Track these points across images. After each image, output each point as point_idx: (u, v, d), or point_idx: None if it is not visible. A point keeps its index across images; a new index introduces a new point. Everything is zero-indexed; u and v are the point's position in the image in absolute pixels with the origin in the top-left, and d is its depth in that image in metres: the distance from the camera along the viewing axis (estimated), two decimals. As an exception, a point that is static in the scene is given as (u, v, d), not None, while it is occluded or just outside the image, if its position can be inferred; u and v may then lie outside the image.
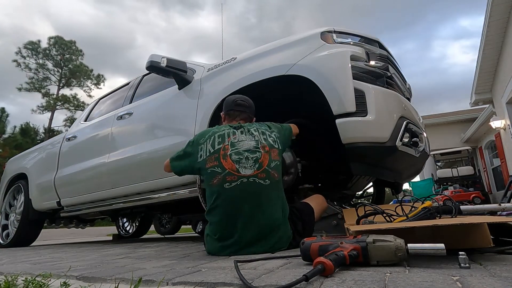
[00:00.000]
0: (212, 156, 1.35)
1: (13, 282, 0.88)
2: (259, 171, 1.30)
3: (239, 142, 1.37)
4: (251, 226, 1.27)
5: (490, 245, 0.90)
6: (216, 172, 1.31)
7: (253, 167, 1.30)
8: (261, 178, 1.30)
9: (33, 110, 24.65)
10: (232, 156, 1.32)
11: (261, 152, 1.35)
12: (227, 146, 1.36)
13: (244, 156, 1.32)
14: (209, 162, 1.35)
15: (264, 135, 1.44)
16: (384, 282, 0.63)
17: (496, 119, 8.23)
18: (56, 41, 25.10)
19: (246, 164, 1.31)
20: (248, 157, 1.32)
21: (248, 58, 2.06)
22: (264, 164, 1.33)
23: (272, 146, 1.40)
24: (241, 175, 1.28)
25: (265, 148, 1.37)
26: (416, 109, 2.08)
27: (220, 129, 1.45)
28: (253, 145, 1.36)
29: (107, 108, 3.27)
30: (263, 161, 1.33)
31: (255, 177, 1.29)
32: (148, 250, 1.83)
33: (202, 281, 0.74)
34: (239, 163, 1.31)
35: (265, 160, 1.33)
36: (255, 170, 1.30)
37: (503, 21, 6.58)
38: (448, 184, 9.79)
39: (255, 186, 1.28)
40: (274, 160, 1.37)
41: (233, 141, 1.37)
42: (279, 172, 1.38)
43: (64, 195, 3.14)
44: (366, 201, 2.89)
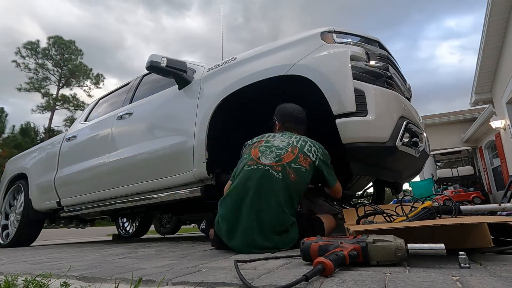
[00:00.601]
0: (248, 148, 1.54)
1: (13, 282, 0.88)
2: (276, 163, 1.37)
3: (274, 140, 1.50)
4: (252, 215, 1.29)
5: (490, 245, 0.89)
6: (244, 158, 1.48)
7: (272, 158, 1.39)
8: (275, 170, 1.35)
9: (32, 110, 24.67)
10: (260, 148, 1.46)
11: (287, 151, 1.43)
12: (261, 141, 1.52)
13: (270, 149, 1.43)
14: (245, 152, 1.54)
15: (304, 142, 1.50)
16: (384, 282, 0.63)
17: (496, 119, 8.23)
18: (55, 41, 25.09)
19: (268, 155, 1.41)
20: (273, 150, 1.43)
21: (248, 58, 2.06)
22: (284, 160, 1.39)
23: (304, 153, 1.45)
24: (260, 162, 1.39)
25: (295, 150, 1.44)
26: (416, 109, 2.08)
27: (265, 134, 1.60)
28: (283, 144, 1.47)
29: (107, 108, 3.27)
30: (284, 157, 1.40)
31: (270, 167, 1.36)
32: (148, 250, 1.83)
33: (202, 281, 0.74)
34: (263, 153, 1.42)
35: (287, 157, 1.40)
36: (273, 161, 1.38)
37: (503, 21, 6.58)
38: (448, 184, 9.79)
39: (267, 175, 1.34)
40: (299, 164, 1.40)
41: (269, 139, 1.52)
42: (299, 177, 1.39)
43: (64, 195, 3.13)
44: (366, 201, 2.89)
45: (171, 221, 5.24)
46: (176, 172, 2.19)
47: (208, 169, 1.99)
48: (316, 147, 1.52)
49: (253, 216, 1.29)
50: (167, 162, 2.26)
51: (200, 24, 78.11)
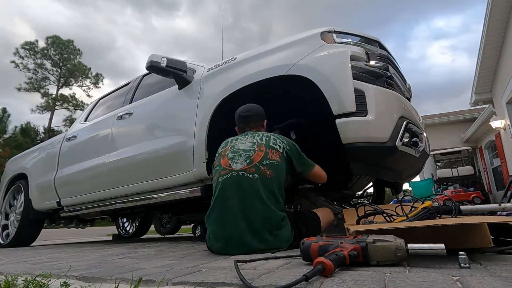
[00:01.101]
0: (216, 159, 1.52)
1: (13, 282, 0.88)
2: (249, 166, 1.37)
3: (238, 144, 1.49)
4: (240, 219, 1.29)
5: (490, 245, 0.90)
6: (216, 170, 1.46)
7: (243, 162, 1.39)
8: (249, 173, 1.35)
9: (32, 110, 24.66)
10: (228, 155, 1.45)
11: (255, 150, 1.42)
12: (227, 149, 1.50)
13: (238, 154, 1.42)
14: (215, 165, 1.51)
15: (268, 138, 1.49)
16: (384, 282, 0.63)
17: (496, 119, 8.23)
18: (53, 40, 25.08)
19: (238, 160, 1.40)
20: (242, 154, 1.42)
21: (248, 58, 2.06)
22: (255, 160, 1.38)
23: (271, 147, 1.44)
24: (232, 169, 1.38)
25: (261, 147, 1.43)
26: (416, 109, 2.08)
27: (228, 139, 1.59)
28: (249, 145, 1.45)
29: (107, 108, 3.27)
30: (254, 157, 1.39)
31: (244, 171, 1.36)
32: (148, 250, 1.83)
33: (202, 281, 0.74)
34: (232, 159, 1.41)
35: (257, 157, 1.39)
36: (245, 165, 1.37)
37: (503, 21, 6.58)
38: (448, 184, 9.79)
39: (243, 180, 1.34)
40: (270, 159, 1.40)
41: (234, 144, 1.50)
42: (275, 171, 1.38)
43: (64, 195, 3.13)
44: (366, 201, 2.89)
45: (171, 221, 5.24)
46: (176, 172, 2.19)
47: (208, 169, 1.99)
48: (280, 139, 1.51)
49: (242, 222, 1.29)
50: (167, 162, 2.26)
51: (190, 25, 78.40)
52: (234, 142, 1.52)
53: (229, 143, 1.53)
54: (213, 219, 1.37)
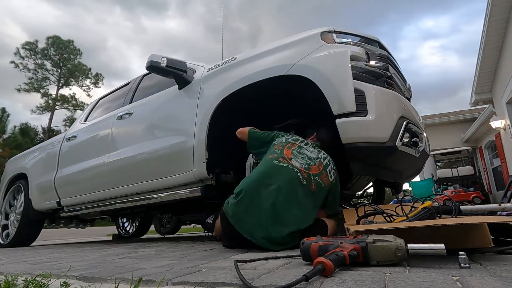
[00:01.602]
0: (281, 144, 1.57)
1: (13, 282, 0.88)
2: (305, 170, 1.44)
3: (305, 150, 1.56)
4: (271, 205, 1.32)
5: (490, 245, 0.89)
6: (275, 152, 1.52)
7: (302, 165, 1.46)
8: (302, 176, 1.42)
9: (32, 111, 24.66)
10: (293, 151, 1.52)
11: (315, 164, 1.50)
12: (295, 145, 1.57)
13: (301, 156, 1.51)
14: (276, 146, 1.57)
15: (329, 162, 1.57)
16: (384, 282, 0.63)
17: (496, 119, 8.23)
18: (54, 41, 25.08)
19: (299, 160, 1.48)
20: (304, 158, 1.50)
21: (248, 58, 2.06)
22: (311, 171, 1.46)
23: (326, 172, 1.51)
24: (291, 163, 1.45)
25: (320, 166, 1.51)
26: (416, 109, 2.08)
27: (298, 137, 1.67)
28: (314, 156, 1.54)
29: (107, 108, 3.27)
30: (312, 168, 1.47)
31: (299, 171, 1.42)
32: (148, 250, 1.83)
33: (202, 281, 0.74)
34: (295, 156, 1.49)
35: (314, 169, 1.47)
36: (302, 167, 1.45)
37: (503, 21, 6.58)
38: (448, 184, 9.79)
39: (295, 176, 1.40)
40: (321, 179, 1.47)
41: (302, 145, 1.58)
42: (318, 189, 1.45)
43: (64, 195, 3.13)
44: (366, 201, 2.89)
45: (171, 221, 5.24)
46: (176, 172, 2.19)
47: (208, 169, 1.99)
48: (335, 170, 1.59)
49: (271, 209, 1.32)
50: (167, 162, 2.26)
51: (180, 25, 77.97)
52: (303, 144, 1.59)
53: (299, 141, 1.60)
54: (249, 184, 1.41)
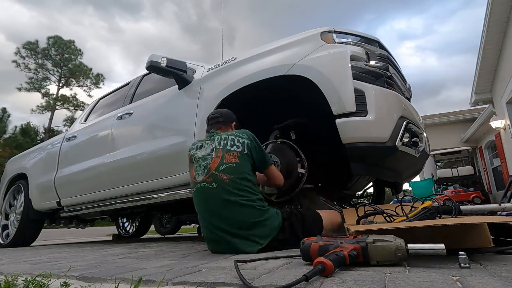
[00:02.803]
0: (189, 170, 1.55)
1: (13, 282, 0.88)
2: (207, 176, 1.41)
3: (198, 152, 1.51)
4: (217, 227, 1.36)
5: (490, 245, 0.89)
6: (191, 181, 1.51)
7: (202, 173, 1.43)
8: (208, 183, 1.39)
9: (32, 110, 24.66)
10: (194, 165, 1.48)
11: (212, 158, 1.44)
12: (190, 156, 1.53)
13: (198, 164, 1.46)
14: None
15: (226, 140, 1.48)
16: (384, 282, 0.63)
17: (496, 119, 8.22)
18: (55, 41, 25.08)
19: (199, 171, 1.45)
20: (201, 164, 1.45)
21: (248, 58, 2.06)
22: (212, 168, 1.41)
23: (228, 150, 1.44)
24: (196, 181, 1.44)
25: (218, 153, 1.45)
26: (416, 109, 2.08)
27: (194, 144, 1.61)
28: (207, 152, 1.47)
29: (107, 108, 3.27)
30: (211, 166, 1.42)
31: (205, 182, 1.40)
32: (148, 250, 1.83)
33: (202, 281, 0.74)
34: (196, 171, 1.46)
35: (213, 165, 1.42)
36: (204, 176, 1.42)
37: (503, 21, 6.58)
38: (448, 184, 9.79)
39: (204, 191, 1.40)
40: (226, 163, 1.41)
41: (195, 152, 1.52)
42: (232, 173, 1.38)
43: (64, 195, 3.13)
44: (366, 201, 2.89)
45: (171, 221, 5.24)
46: (176, 172, 2.19)
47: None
48: (239, 136, 1.48)
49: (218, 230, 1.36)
50: (167, 162, 2.26)
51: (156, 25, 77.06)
52: (197, 150, 1.53)
53: (193, 150, 1.54)
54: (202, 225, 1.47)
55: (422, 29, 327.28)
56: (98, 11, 53.07)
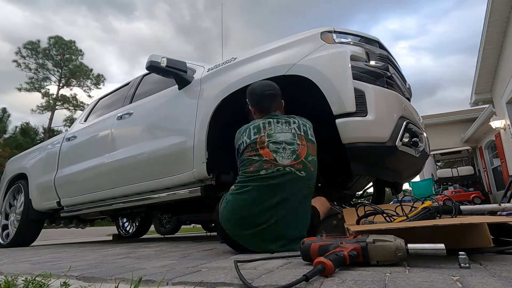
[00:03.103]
0: (249, 146, 1.36)
1: (13, 282, 0.88)
2: (296, 161, 1.30)
3: (275, 134, 1.37)
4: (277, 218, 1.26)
5: (490, 245, 0.89)
6: (254, 160, 1.32)
7: (290, 157, 1.31)
8: (297, 169, 1.30)
9: (32, 110, 24.67)
10: (270, 146, 1.33)
11: (299, 144, 1.35)
12: (263, 137, 1.36)
13: (281, 146, 1.33)
14: (246, 152, 1.36)
15: (304, 127, 1.43)
16: (384, 282, 0.63)
17: (496, 119, 8.22)
18: (56, 41, 25.10)
19: (283, 154, 1.31)
20: (285, 147, 1.33)
21: (248, 58, 2.06)
22: (302, 155, 1.33)
23: (310, 141, 1.40)
24: (279, 164, 1.29)
25: (302, 140, 1.37)
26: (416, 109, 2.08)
27: (255, 122, 1.45)
28: (290, 137, 1.37)
29: (107, 108, 3.27)
30: (300, 152, 1.33)
31: (292, 167, 1.29)
32: (148, 250, 1.83)
33: (202, 281, 0.74)
34: (277, 153, 1.31)
35: (302, 152, 1.34)
36: (292, 160, 1.30)
37: (503, 21, 6.58)
38: (448, 184, 9.79)
39: (292, 177, 1.29)
40: (311, 155, 1.37)
41: (269, 132, 1.38)
42: (315, 167, 1.37)
43: (64, 195, 3.14)
44: (366, 201, 2.89)
45: (171, 221, 5.24)
46: (176, 172, 2.19)
47: (208, 169, 1.99)
48: (311, 126, 1.47)
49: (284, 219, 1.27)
50: (167, 162, 2.26)
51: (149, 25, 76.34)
52: (268, 129, 1.38)
53: (262, 129, 1.39)
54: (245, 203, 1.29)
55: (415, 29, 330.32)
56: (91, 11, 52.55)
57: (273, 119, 1.44)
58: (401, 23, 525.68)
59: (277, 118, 1.44)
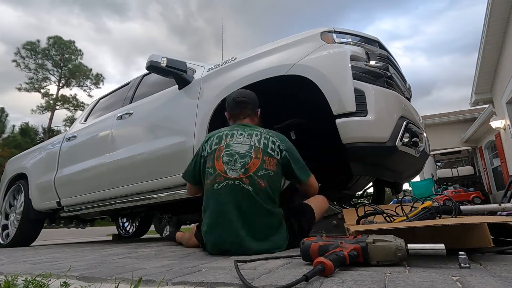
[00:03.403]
0: (209, 157, 1.40)
1: (13, 282, 0.88)
2: (244, 175, 1.29)
3: (233, 144, 1.38)
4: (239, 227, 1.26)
5: (490, 245, 0.89)
6: (210, 173, 1.36)
7: (239, 170, 1.30)
8: (244, 183, 1.28)
9: (32, 110, 24.68)
10: (223, 158, 1.34)
11: (252, 157, 1.33)
12: (222, 148, 1.38)
13: (233, 159, 1.33)
14: (207, 163, 1.40)
15: (266, 140, 1.40)
16: (384, 282, 0.63)
17: (496, 119, 8.23)
18: (55, 41, 25.11)
19: (233, 167, 1.31)
20: (237, 160, 1.32)
21: (248, 58, 2.06)
22: (251, 170, 1.30)
23: (268, 154, 1.36)
24: (228, 177, 1.30)
25: (258, 153, 1.34)
26: (416, 109, 2.08)
27: (221, 130, 1.47)
28: (246, 149, 1.35)
29: (107, 108, 3.27)
30: (250, 166, 1.31)
31: (239, 180, 1.29)
32: (148, 250, 1.83)
33: (202, 281, 0.74)
34: (228, 165, 1.32)
35: (253, 166, 1.31)
36: (240, 173, 1.30)
37: (503, 21, 6.58)
38: (448, 184, 9.80)
39: (238, 189, 1.28)
40: (265, 169, 1.32)
41: (229, 142, 1.39)
42: (269, 181, 1.32)
43: (64, 195, 3.13)
44: (366, 201, 2.89)
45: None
46: (176, 172, 2.18)
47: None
48: (279, 142, 1.42)
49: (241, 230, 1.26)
50: (167, 162, 2.26)
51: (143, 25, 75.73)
52: (229, 139, 1.40)
53: (223, 139, 1.41)
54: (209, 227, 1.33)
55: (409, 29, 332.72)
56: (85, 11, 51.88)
57: (238, 131, 1.44)
58: (394, 23, 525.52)
59: (242, 130, 1.44)
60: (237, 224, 1.27)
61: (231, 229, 1.27)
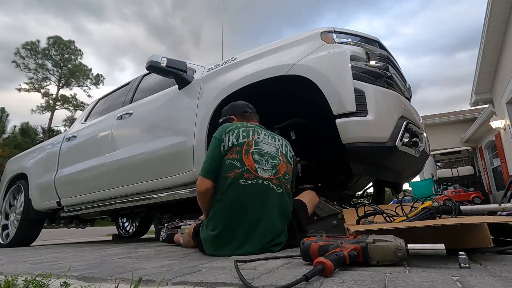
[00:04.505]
0: (234, 149, 1.34)
1: (13, 282, 0.88)
2: (275, 176, 1.33)
3: (262, 144, 1.39)
4: (256, 228, 1.27)
5: (490, 245, 0.89)
6: (235, 166, 1.31)
7: (270, 171, 1.33)
8: (274, 184, 1.32)
9: (32, 110, 24.68)
10: (254, 155, 1.33)
11: (280, 160, 1.39)
12: (251, 143, 1.36)
13: (264, 159, 1.34)
14: (229, 154, 1.34)
15: (286, 148, 1.49)
16: (384, 282, 0.63)
17: (496, 119, 8.22)
18: (55, 41, 25.11)
19: (264, 167, 1.33)
20: (268, 160, 1.35)
21: (248, 58, 2.06)
22: (281, 172, 1.36)
23: (288, 161, 1.45)
24: (258, 175, 1.30)
25: (283, 158, 1.42)
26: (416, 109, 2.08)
27: (245, 125, 1.44)
28: (273, 151, 1.40)
29: (107, 108, 3.27)
30: (280, 168, 1.37)
31: (269, 181, 1.31)
32: (148, 250, 1.83)
33: (202, 281, 0.74)
34: (259, 164, 1.32)
35: (282, 169, 1.37)
36: (271, 174, 1.33)
37: (503, 21, 6.58)
38: (448, 184, 9.80)
39: (269, 191, 1.31)
40: (288, 174, 1.42)
41: (257, 140, 1.39)
42: (290, 185, 1.43)
43: (64, 195, 3.13)
44: (366, 201, 2.89)
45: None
46: (176, 172, 2.19)
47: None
48: (292, 151, 1.52)
49: (257, 231, 1.27)
50: (167, 162, 2.26)
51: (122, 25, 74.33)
52: (257, 136, 1.39)
53: (250, 134, 1.38)
54: (223, 222, 1.30)
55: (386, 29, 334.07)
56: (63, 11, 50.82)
57: (261, 130, 1.46)
58: (369, 23, 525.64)
59: (264, 130, 1.48)
60: (255, 224, 1.27)
61: (248, 227, 1.27)
